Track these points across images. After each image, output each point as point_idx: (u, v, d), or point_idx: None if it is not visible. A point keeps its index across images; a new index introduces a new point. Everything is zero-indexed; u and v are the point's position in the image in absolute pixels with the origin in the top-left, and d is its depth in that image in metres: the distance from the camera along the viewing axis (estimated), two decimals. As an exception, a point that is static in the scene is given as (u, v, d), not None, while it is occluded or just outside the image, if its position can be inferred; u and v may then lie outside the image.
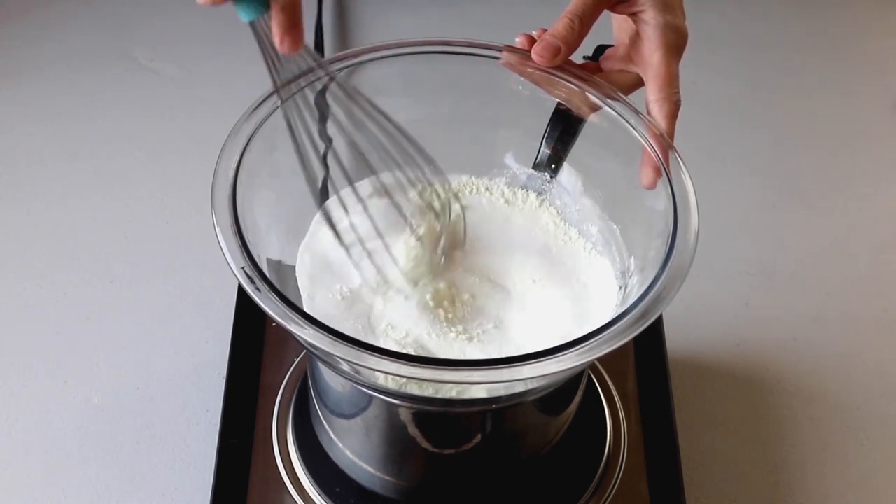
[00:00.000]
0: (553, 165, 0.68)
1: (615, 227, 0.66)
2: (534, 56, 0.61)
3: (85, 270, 0.94)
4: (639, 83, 0.63)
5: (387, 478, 0.70)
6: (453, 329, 0.61)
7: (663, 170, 0.60)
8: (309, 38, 1.15)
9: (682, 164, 0.60)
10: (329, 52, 1.16)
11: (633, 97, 0.63)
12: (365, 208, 0.62)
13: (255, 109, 0.61)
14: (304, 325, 0.52)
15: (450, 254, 0.64)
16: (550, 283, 0.64)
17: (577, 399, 0.70)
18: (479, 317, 0.62)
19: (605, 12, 0.62)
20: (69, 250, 0.96)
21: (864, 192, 1.07)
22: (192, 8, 0.55)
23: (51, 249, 0.96)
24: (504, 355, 0.56)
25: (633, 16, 0.61)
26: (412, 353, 0.59)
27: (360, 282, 0.63)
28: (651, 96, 0.61)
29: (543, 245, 0.67)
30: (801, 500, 0.80)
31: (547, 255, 0.66)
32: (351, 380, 0.60)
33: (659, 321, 0.82)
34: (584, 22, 0.60)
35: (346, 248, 0.61)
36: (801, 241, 1.01)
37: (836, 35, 1.24)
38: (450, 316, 0.61)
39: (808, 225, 1.02)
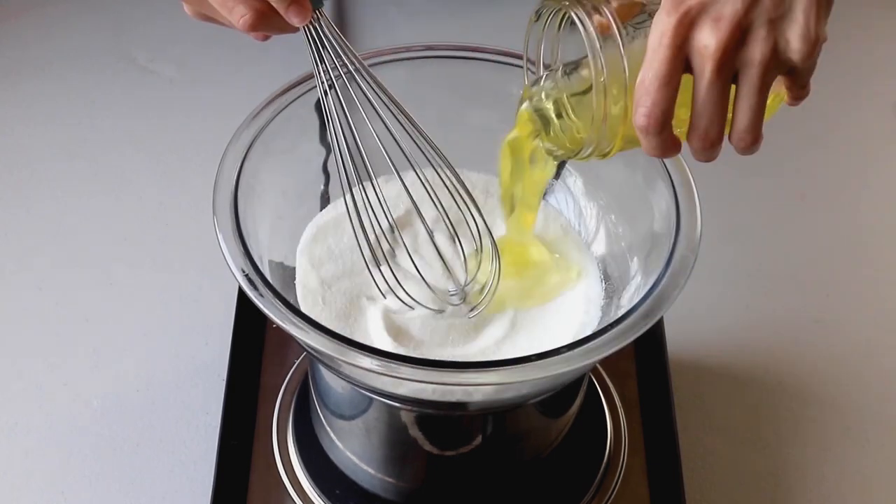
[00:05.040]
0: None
1: (617, 227, 0.66)
2: None
3: (84, 272, 0.94)
4: None
5: (387, 479, 0.70)
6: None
7: (663, 166, 0.60)
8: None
9: (684, 164, 0.60)
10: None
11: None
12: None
13: (256, 115, 0.61)
14: (305, 328, 0.52)
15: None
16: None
17: (578, 401, 0.70)
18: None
19: None
20: (68, 251, 0.96)
21: (865, 192, 1.07)
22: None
23: (50, 250, 0.96)
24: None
25: None
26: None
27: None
28: None
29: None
30: (802, 502, 0.80)
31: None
32: (351, 382, 0.60)
33: (659, 323, 0.82)
34: None
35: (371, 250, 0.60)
36: (801, 242, 1.01)
37: (836, 35, 1.24)
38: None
39: (809, 226, 1.02)
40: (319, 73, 0.55)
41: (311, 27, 0.54)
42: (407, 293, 0.60)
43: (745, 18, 0.47)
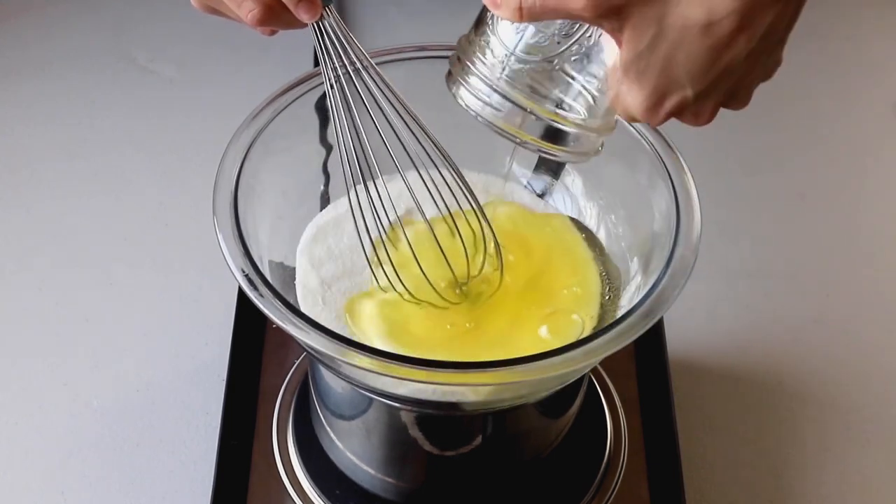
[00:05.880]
0: (554, 167, 0.68)
1: (617, 227, 0.66)
2: None
3: (84, 272, 0.94)
4: None
5: (387, 480, 0.70)
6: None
7: (663, 166, 0.60)
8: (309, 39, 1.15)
9: (683, 164, 0.60)
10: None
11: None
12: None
13: (256, 115, 0.61)
14: (305, 328, 0.52)
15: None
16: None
17: (578, 401, 0.70)
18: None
19: None
20: (69, 251, 0.96)
21: (865, 192, 1.07)
22: (191, 9, 0.55)
23: (50, 250, 0.96)
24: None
25: None
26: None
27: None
28: None
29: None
30: (802, 502, 0.80)
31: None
32: (351, 382, 0.60)
33: (660, 323, 0.82)
34: None
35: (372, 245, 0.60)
36: (801, 241, 1.01)
37: (837, 35, 1.24)
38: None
39: (809, 225, 1.02)
40: (326, 70, 0.55)
41: (319, 23, 0.53)
42: (408, 292, 0.60)
43: (724, 103, 0.50)
